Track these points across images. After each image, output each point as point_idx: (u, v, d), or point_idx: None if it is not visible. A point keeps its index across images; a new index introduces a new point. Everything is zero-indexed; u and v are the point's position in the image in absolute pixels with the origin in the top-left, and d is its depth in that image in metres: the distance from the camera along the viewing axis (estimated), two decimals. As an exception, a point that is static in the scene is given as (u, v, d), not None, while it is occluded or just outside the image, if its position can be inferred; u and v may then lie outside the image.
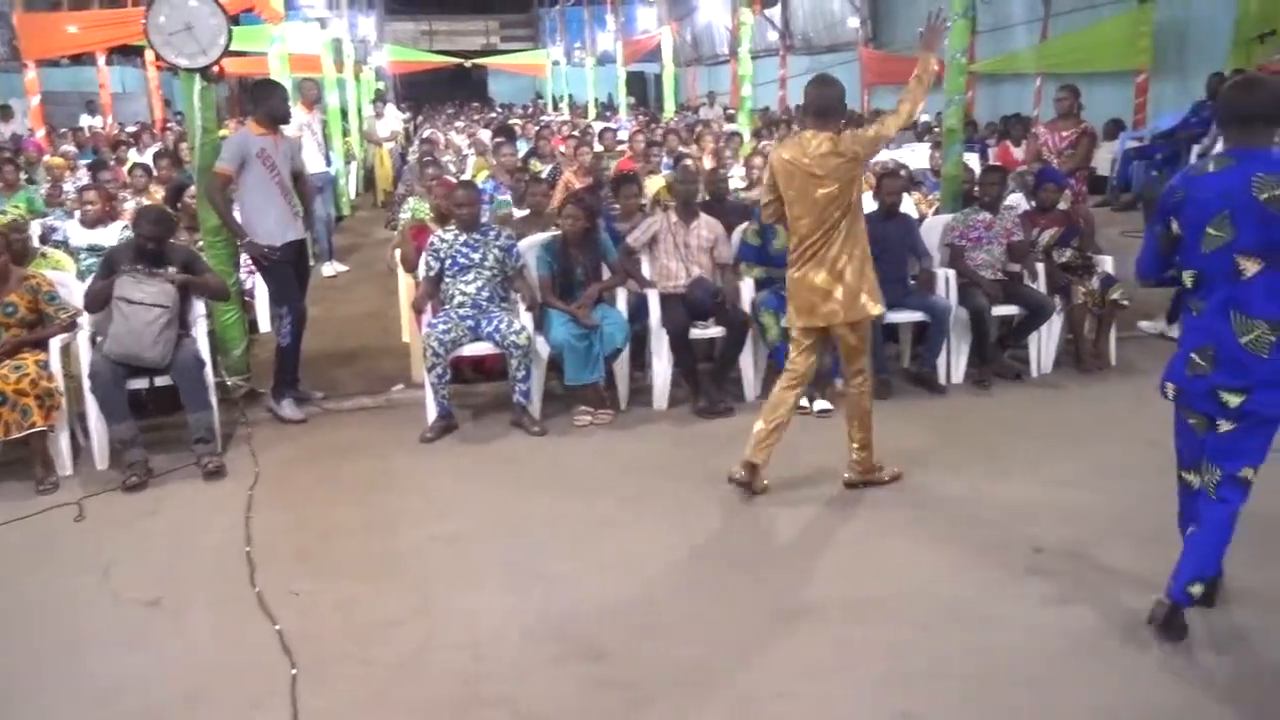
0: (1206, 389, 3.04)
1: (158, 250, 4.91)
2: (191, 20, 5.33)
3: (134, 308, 4.70)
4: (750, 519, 4.15)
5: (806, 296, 4.18)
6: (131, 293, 4.72)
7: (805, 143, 4.07)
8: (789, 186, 4.10)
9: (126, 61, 22.36)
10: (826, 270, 4.11)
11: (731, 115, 16.10)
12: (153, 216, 5.00)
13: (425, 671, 3.15)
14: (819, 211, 4.06)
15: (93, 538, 4.18)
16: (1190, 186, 3.03)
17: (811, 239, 4.11)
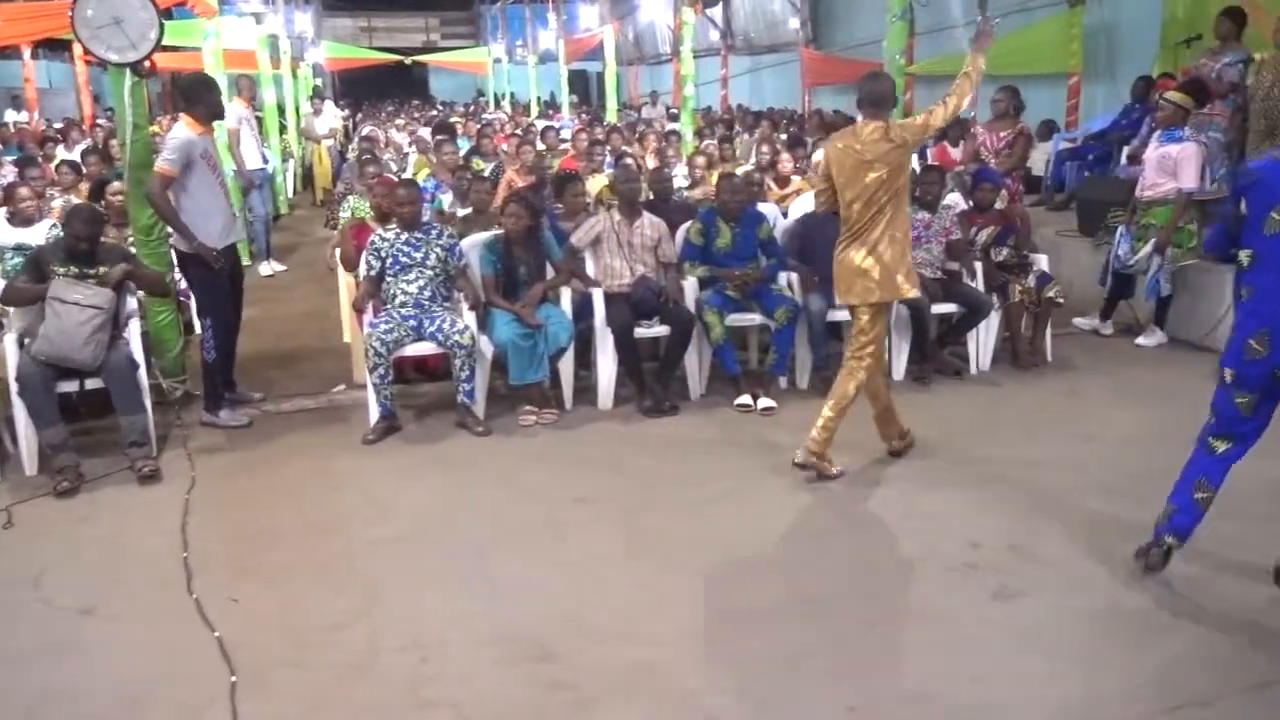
0: (1267, 371, 3.24)
1: (89, 250, 4.78)
2: (120, 14, 5.19)
3: (68, 308, 4.56)
4: (696, 518, 4.16)
5: (847, 275, 4.42)
6: (66, 293, 4.59)
7: (859, 131, 4.33)
8: (841, 173, 4.33)
9: (54, 56, 21.75)
10: (867, 250, 4.34)
11: (674, 114, 16.14)
12: (85, 215, 4.87)
13: (369, 676, 3.11)
14: (868, 195, 4.28)
15: (22, 545, 4.05)
16: (1263, 170, 3.25)
17: (860, 222, 4.34)
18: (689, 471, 4.65)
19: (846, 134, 4.44)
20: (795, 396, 5.61)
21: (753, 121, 14.42)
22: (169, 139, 5.12)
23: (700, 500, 4.32)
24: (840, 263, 4.44)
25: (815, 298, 5.65)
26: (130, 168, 5.45)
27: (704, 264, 5.72)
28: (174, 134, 5.11)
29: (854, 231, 4.37)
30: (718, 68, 20.74)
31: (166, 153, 5.00)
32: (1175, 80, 7.73)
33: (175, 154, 4.96)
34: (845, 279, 4.45)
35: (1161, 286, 6.29)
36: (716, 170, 8.00)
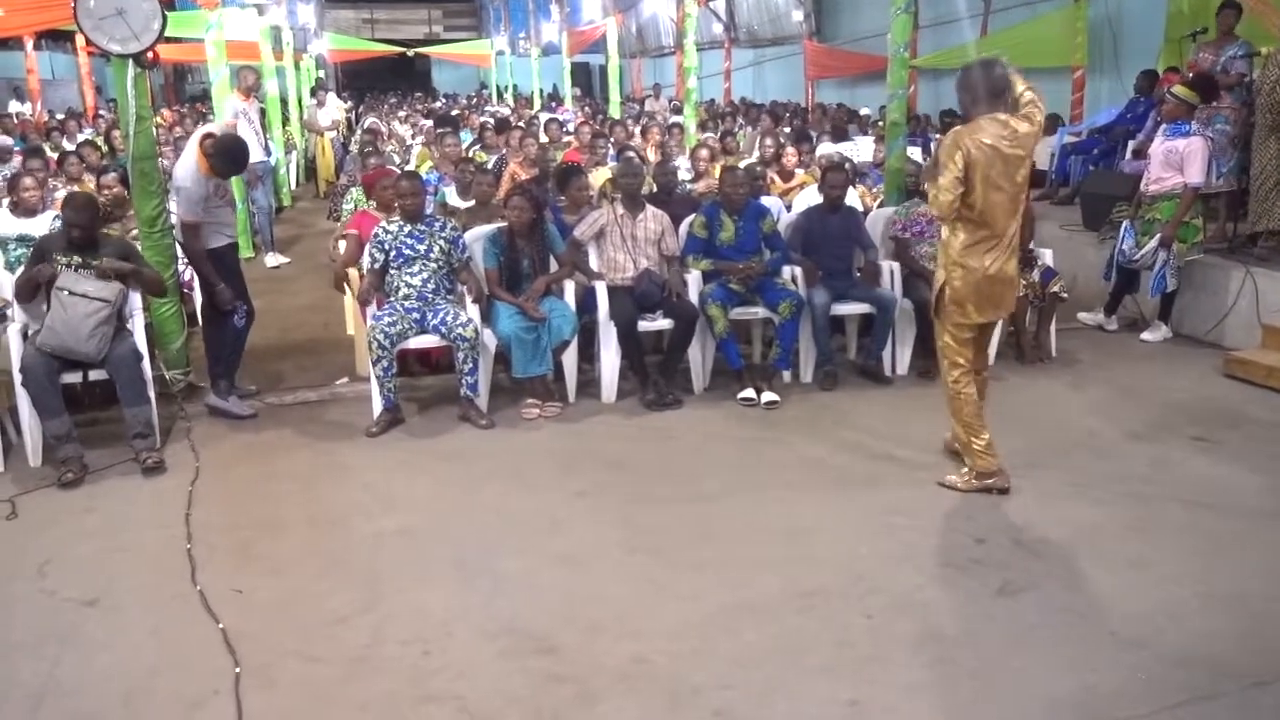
0: None
1: (88, 238, 4.77)
2: (123, 4, 5.18)
3: (74, 299, 4.55)
4: (699, 512, 4.16)
5: (998, 290, 4.13)
6: (75, 284, 4.58)
7: (1002, 125, 3.94)
8: (989, 170, 3.92)
9: (56, 47, 21.72)
10: (1009, 255, 4.11)
11: (677, 107, 16.12)
12: (78, 203, 4.84)
13: (372, 668, 3.11)
14: (1017, 193, 4.03)
15: (26, 536, 4.05)
16: None
17: (1002, 224, 4.03)
18: (692, 465, 4.65)
19: (988, 129, 3.94)
20: (798, 391, 5.61)
21: (755, 115, 14.39)
22: (182, 186, 5.04)
23: (702, 494, 4.32)
24: (986, 276, 4.05)
25: (819, 291, 5.64)
26: (133, 159, 5.44)
27: (707, 257, 5.71)
28: (184, 180, 5.03)
29: (996, 234, 4.03)
30: (721, 60, 20.72)
31: (185, 205, 5.02)
32: (1180, 74, 7.71)
33: (195, 204, 5.02)
34: (992, 292, 4.10)
35: (1167, 281, 6.28)
36: (719, 163, 7.98)
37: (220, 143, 5.06)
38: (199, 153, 5.03)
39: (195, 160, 5.03)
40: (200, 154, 5.03)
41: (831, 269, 5.80)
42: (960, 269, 4.06)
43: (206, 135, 5.12)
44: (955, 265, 4.07)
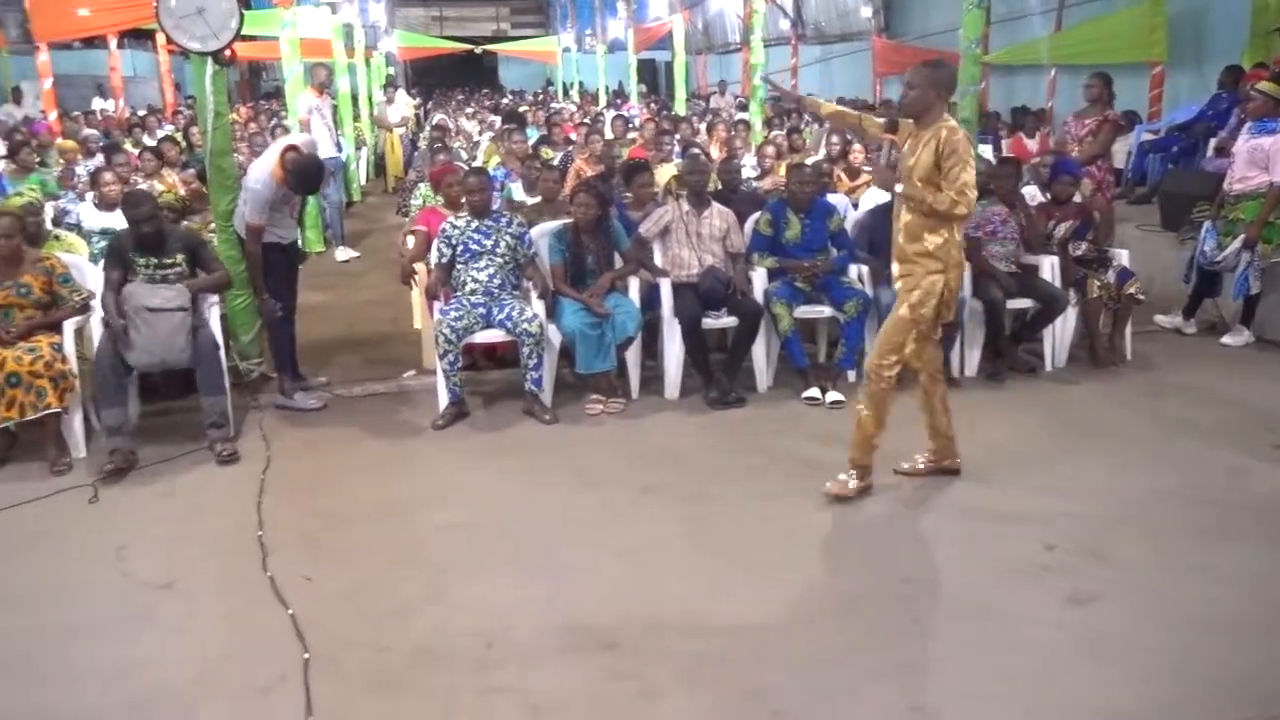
0: None
1: (156, 234, 4.87)
2: (203, 3, 5.30)
3: (156, 315, 4.65)
4: (759, 512, 4.14)
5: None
6: (149, 299, 4.68)
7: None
8: None
9: (138, 45, 22.33)
10: None
11: (743, 104, 16.04)
12: (134, 200, 4.92)
13: (437, 659, 3.15)
14: None
15: (106, 520, 4.18)
16: None
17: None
18: (754, 464, 4.62)
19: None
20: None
21: (823, 111, 14.23)
22: (253, 189, 5.13)
23: (765, 493, 4.29)
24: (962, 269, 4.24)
25: (886, 290, 5.56)
26: (210, 154, 5.57)
27: (773, 255, 5.68)
28: (257, 182, 5.13)
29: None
30: (787, 56, 20.55)
31: (254, 207, 5.12)
32: (1267, 70, 7.45)
33: (262, 208, 5.13)
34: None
35: (1250, 284, 6.08)
36: (786, 161, 7.93)
37: (300, 161, 5.12)
38: (278, 162, 5.11)
39: (273, 168, 5.11)
40: (279, 163, 5.11)
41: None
42: (956, 268, 4.07)
43: (290, 148, 5.19)
44: (956, 265, 4.05)
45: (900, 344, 4.10)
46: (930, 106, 3.94)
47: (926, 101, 3.94)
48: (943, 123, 3.90)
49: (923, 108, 3.95)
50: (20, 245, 4.81)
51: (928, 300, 4.01)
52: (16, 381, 4.47)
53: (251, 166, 5.31)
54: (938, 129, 3.88)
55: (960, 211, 3.88)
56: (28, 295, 4.76)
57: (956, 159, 3.82)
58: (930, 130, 3.90)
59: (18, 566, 3.82)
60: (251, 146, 9.74)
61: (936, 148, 3.84)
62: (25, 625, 3.39)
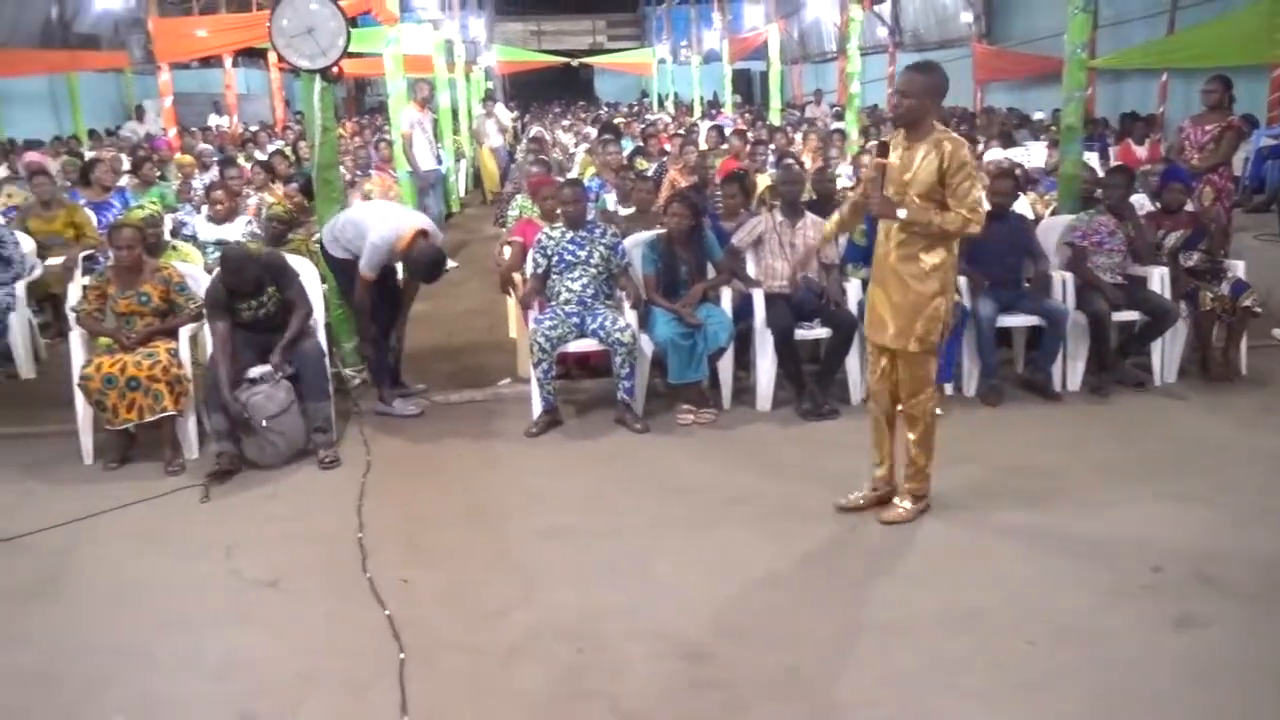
0: None
1: (250, 287, 4.92)
2: (313, 23, 5.52)
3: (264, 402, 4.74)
4: (852, 525, 4.09)
5: None
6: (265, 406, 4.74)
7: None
8: None
9: (251, 64, 23.27)
10: None
11: (839, 113, 15.90)
12: (232, 265, 4.86)
13: (529, 662, 3.20)
14: None
15: (215, 519, 4.36)
16: None
17: None
18: (846, 477, 4.55)
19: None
20: (960, 405, 5.43)
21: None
22: (375, 245, 5.18)
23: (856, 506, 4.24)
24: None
25: (984, 302, 5.46)
26: (318, 167, 5.79)
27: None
28: (383, 241, 5.18)
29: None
30: (884, 65, 20.30)
31: (370, 262, 5.20)
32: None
33: (376, 266, 5.24)
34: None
35: (1376, 297, 5.77)
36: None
37: (427, 251, 5.22)
38: (409, 239, 5.19)
39: (403, 240, 5.19)
40: (409, 241, 5.20)
41: (998, 279, 5.59)
42: (952, 291, 3.85)
43: (423, 232, 5.28)
44: (951, 288, 3.83)
45: (926, 376, 3.92)
46: (925, 115, 3.72)
47: (922, 109, 3.71)
48: (941, 134, 3.69)
49: (918, 116, 3.72)
50: (141, 256, 5.06)
51: (934, 327, 3.81)
52: (136, 385, 4.70)
53: (382, 226, 5.26)
54: (937, 141, 3.66)
55: (973, 230, 3.68)
56: (147, 303, 5.00)
57: (965, 174, 3.62)
58: (927, 142, 3.68)
59: (138, 560, 4.01)
60: (356, 160, 10.05)
61: (940, 162, 3.62)
62: (144, 616, 3.56)
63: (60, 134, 16.72)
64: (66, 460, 4.98)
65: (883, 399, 4.09)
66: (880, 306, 3.89)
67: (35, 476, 4.86)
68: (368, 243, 5.20)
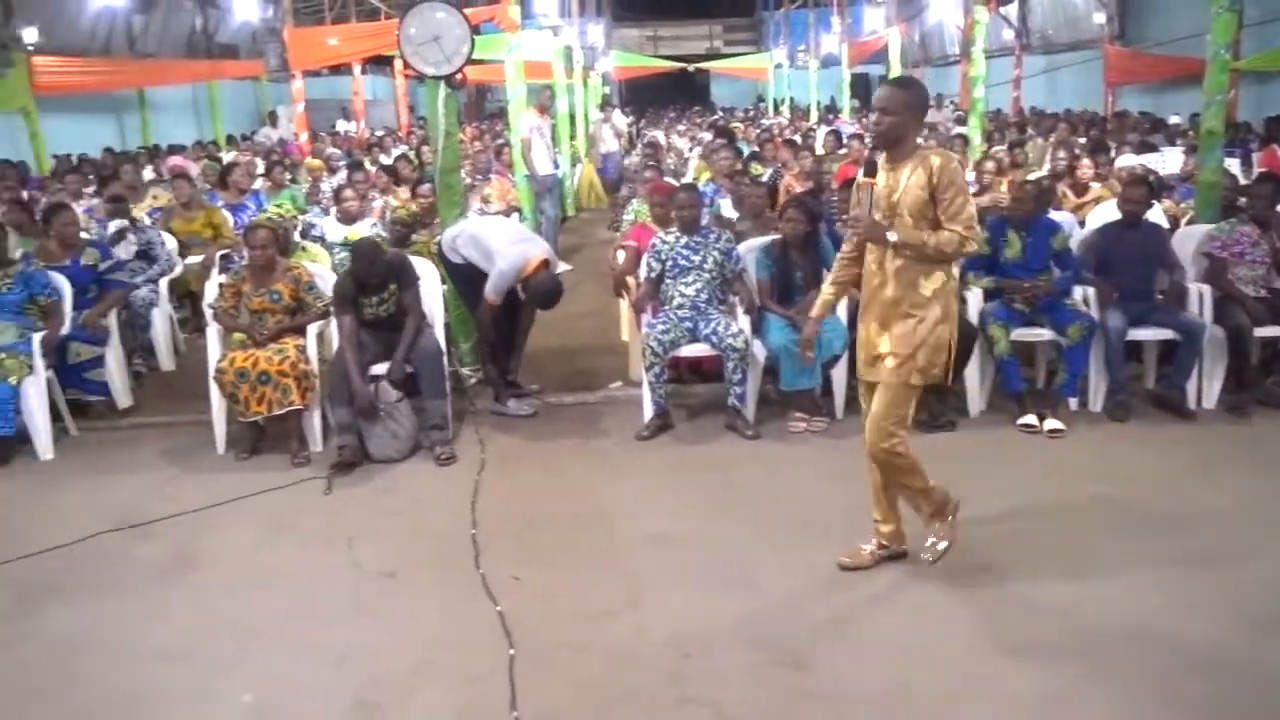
0: None
1: (378, 280, 5.13)
2: (439, 31, 5.67)
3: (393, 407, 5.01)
4: (971, 540, 3.97)
5: None
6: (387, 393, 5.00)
7: None
8: None
9: (378, 71, 24.07)
10: None
11: (961, 118, 15.52)
12: (364, 257, 5.08)
13: (634, 665, 3.21)
14: None
15: (338, 510, 4.52)
16: None
17: None
18: (963, 491, 4.40)
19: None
20: (1086, 420, 5.23)
21: (1048, 124, 13.58)
22: (502, 270, 5.29)
23: (972, 522, 4.11)
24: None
25: (1114, 314, 5.25)
26: (440, 171, 5.94)
27: (989, 275, 5.46)
28: (510, 267, 5.29)
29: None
30: (1009, 68, 19.70)
31: (495, 287, 5.30)
32: None
33: (501, 291, 5.34)
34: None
35: None
36: (1006, 176, 7.61)
37: (547, 282, 5.33)
38: (533, 266, 5.32)
39: (529, 266, 5.32)
40: (531, 269, 5.32)
41: (1129, 290, 5.36)
42: (954, 319, 3.51)
43: (546, 263, 5.39)
44: (954, 316, 3.50)
45: (904, 417, 3.54)
46: (907, 133, 3.43)
47: (904, 127, 3.42)
48: (927, 149, 3.43)
49: (900, 135, 3.42)
50: (274, 256, 5.28)
51: (937, 358, 3.47)
52: (267, 379, 4.91)
53: (510, 252, 5.36)
54: (923, 157, 3.38)
55: (971, 249, 3.41)
56: (278, 301, 5.22)
57: (956, 190, 3.34)
58: (912, 160, 3.39)
59: (266, 547, 4.19)
60: (475, 165, 10.28)
61: (928, 179, 3.34)
62: (272, 601, 3.72)
63: (200, 139, 17.62)
64: (201, 449, 5.24)
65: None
66: (875, 340, 3.54)
67: (173, 463, 5.12)
68: (495, 269, 5.31)
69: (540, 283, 5.33)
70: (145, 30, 18.66)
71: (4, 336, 5.27)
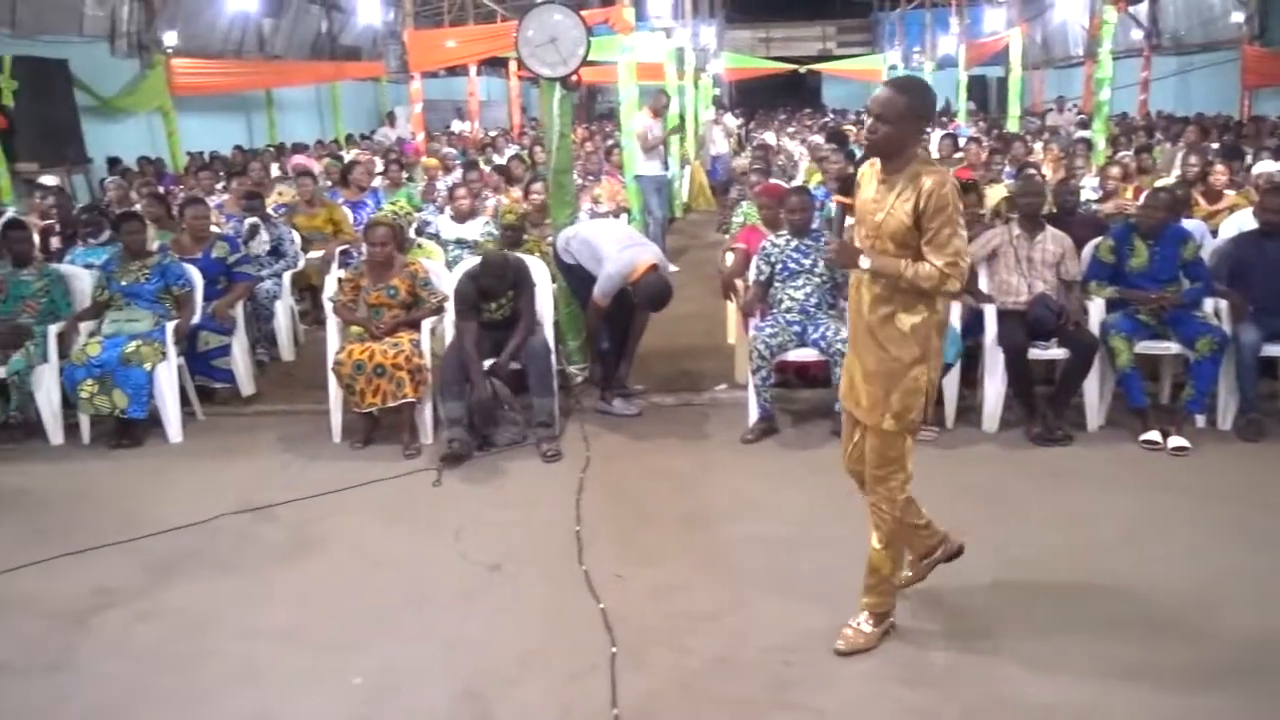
0: None
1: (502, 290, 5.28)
2: (556, 33, 5.75)
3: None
4: (1084, 561, 3.84)
5: None
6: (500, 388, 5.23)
7: None
8: None
9: (492, 72, 24.52)
10: None
11: (1083, 121, 14.99)
12: (493, 271, 5.20)
13: (735, 669, 3.20)
14: None
15: (446, 502, 4.63)
16: None
17: None
18: (1078, 509, 4.30)
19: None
20: (1213, 438, 4.99)
21: (1177, 129, 13.00)
22: (610, 274, 5.33)
23: (1090, 543, 3.98)
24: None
25: (1247, 328, 5.00)
26: (553, 171, 6.02)
27: (1113, 284, 5.27)
28: (618, 272, 5.34)
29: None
30: (1137, 69, 18.92)
31: (604, 290, 5.37)
32: None
33: (609, 294, 5.39)
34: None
35: None
36: (1133, 183, 7.32)
37: (657, 283, 5.34)
38: (641, 270, 5.35)
39: (636, 271, 5.35)
40: (639, 274, 5.35)
41: (1266, 304, 5.10)
42: (937, 357, 3.13)
43: (654, 266, 5.41)
44: (936, 354, 3.12)
45: (898, 458, 3.19)
46: (905, 144, 3.00)
47: (901, 137, 2.98)
48: (922, 167, 2.98)
49: (896, 146, 2.99)
50: (393, 252, 5.44)
51: (913, 402, 3.09)
52: (382, 372, 5.06)
53: (620, 256, 5.40)
54: (915, 176, 2.96)
55: (951, 288, 2.97)
56: (395, 296, 5.37)
57: (945, 218, 2.91)
58: (904, 176, 2.98)
59: (378, 535, 4.32)
60: (586, 166, 10.38)
61: (916, 203, 2.93)
62: (383, 587, 3.84)
63: (322, 138, 18.23)
64: (317, 437, 5.43)
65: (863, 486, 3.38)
66: (854, 372, 3.20)
67: (291, 450, 5.32)
68: (604, 272, 5.37)
69: (649, 284, 5.35)
70: (275, 33, 19.44)
71: (140, 324, 5.56)
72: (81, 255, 6.56)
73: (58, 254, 6.84)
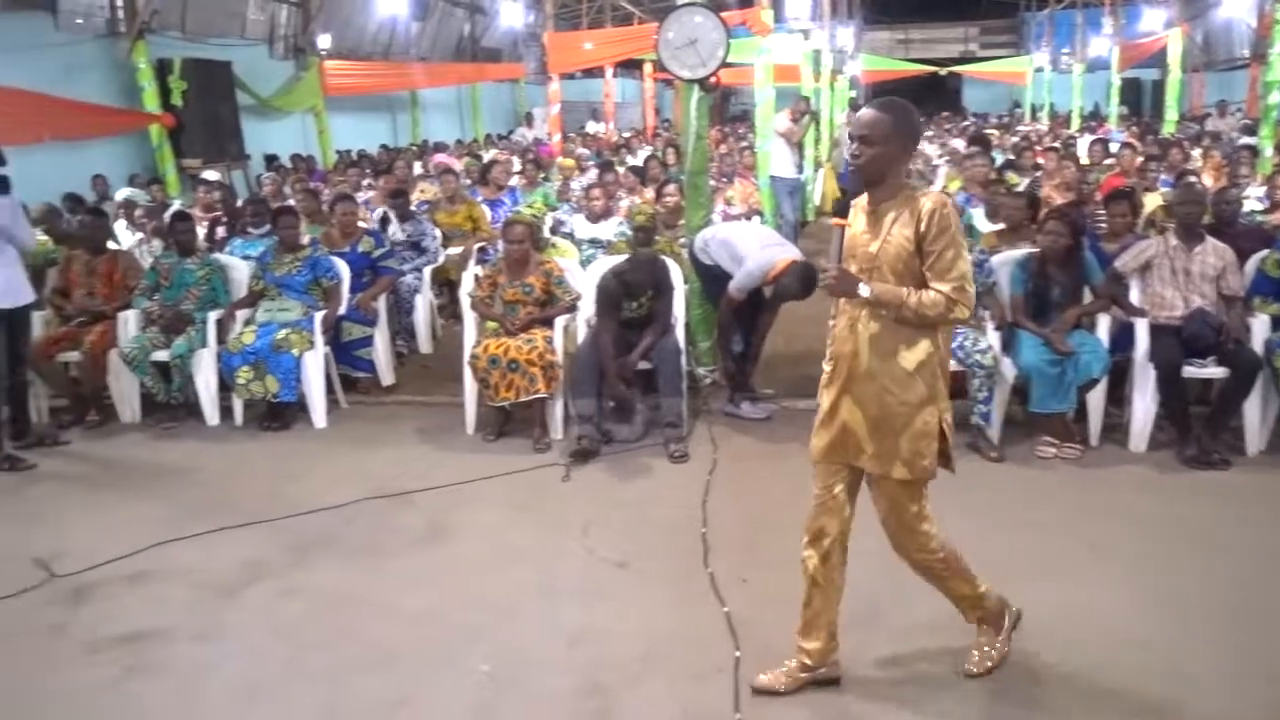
0: None
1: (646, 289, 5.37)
2: (696, 35, 5.77)
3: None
4: (1238, 592, 3.62)
5: None
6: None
7: None
8: None
9: (627, 74, 24.78)
10: None
11: (1249, 126, 14.13)
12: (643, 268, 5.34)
13: (858, 683, 3.15)
14: None
15: (574, 497, 4.70)
16: None
17: None
18: (1234, 539, 4.05)
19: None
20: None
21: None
22: (750, 271, 5.33)
23: (1247, 576, 3.74)
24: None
25: None
26: (689, 173, 6.03)
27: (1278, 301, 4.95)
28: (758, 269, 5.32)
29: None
30: (1310, 72, 17.72)
31: (740, 286, 5.36)
32: None
33: (746, 289, 5.39)
34: None
35: None
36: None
37: (802, 270, 5.28)
38: (781, 268, 5.31)
39: (776, 268, 5.32)
40: (781, 270, 5.31)
41: None
42: (944, 398, 2.92)
43: (795, 262, 5.36)
44: (944, 395, 2.92)
45: (920, 513, 3.04)
46: (892, 167, 2.81)
47: (886, 161, 2.80)
48: (916, 190, 2.83)
49: (882, 170, 2.81)
50: (529, 250, 5.55)
51: (924, 447, 2.90)
52: (516, 367, 5.17)
53: (761, 254, 5.39)
54: (911, 200, 2.80)
55: (959, 315, 2.77)
56: (530, 293, 5.48)
57: (948, 240, 2.73)
58: (897, 202, 2.82)
59: (509, 526, 4.42)
60: (720, 167, 10.36)
61: (916, 226, 2.76)
62: (513, 578, 3.92)
63: (461, 138, 18.76)
64: (452, 429, 5.59)
65: (823, 540, 3.10)
66: (850, 420, 2.96)
67: (427, 440, 5.50)
68: (743, 269, 5.35)
69: (792, 274, 5.27)
70: (420, 35, 20.11)
71: (291, 313, 5.84)
72: (240, 247, 6.94)
73: (220, 244, 7.24)
